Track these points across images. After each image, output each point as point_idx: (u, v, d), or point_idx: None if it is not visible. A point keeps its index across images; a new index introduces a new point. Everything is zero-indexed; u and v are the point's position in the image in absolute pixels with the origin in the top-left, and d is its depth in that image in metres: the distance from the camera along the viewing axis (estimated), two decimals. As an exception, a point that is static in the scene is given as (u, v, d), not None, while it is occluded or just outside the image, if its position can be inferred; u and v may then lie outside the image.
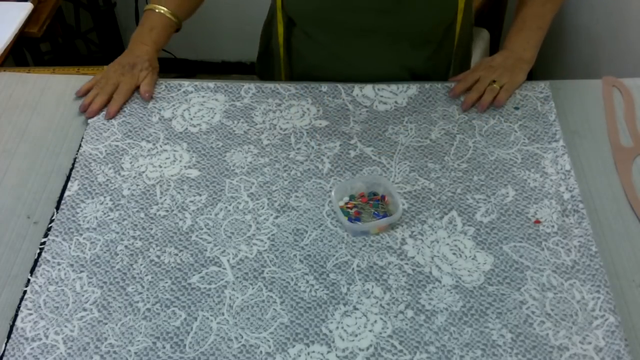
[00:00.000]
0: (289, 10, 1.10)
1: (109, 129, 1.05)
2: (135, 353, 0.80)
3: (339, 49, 1.12)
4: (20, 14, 1.36)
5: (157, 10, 1.11)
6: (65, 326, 0.82)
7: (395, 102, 1.08)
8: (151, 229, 0.92)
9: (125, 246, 0.90)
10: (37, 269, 0.88)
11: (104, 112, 1.07)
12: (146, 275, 0.87)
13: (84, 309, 0.84)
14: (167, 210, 0.94)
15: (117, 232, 0.92)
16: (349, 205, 0.94)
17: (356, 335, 0.81)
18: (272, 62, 1.25)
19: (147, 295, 0.85)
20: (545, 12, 1.10)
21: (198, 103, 1.09)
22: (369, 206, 0.93)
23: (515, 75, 1.08)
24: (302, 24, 1.12)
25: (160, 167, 1.00)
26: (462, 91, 1.08)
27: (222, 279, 0.87)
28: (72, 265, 0.88)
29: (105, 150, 1.02)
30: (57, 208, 0.94)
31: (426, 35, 1.11)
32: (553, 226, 0.91)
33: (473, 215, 0.92)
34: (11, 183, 0.98)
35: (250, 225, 0.92)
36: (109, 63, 1.11)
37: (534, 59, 1.10)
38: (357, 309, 0.83)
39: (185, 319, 0.83)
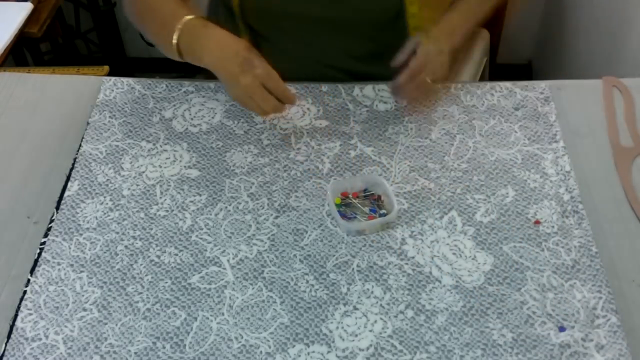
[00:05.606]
0: (244, 7, 1.10)
1: (109, 129, 1.05)
2: (135, 353, 0.80)
3: (287, 45, 1.14)
4: (20, 14, 1.36)
5: (191, 17, 1.00)
6: (65, 326, 0.82)
7: (396, 101, 1.08)
8: (151, 229, 0.92)
9: (125, 246, 0.90)
10: (37, 269, 0.88)
11: (106, 112, 1.07)
12: (146, 275, 0.87)
13: (84, 309, 0.84)
14: (167, 210, 0.94)
15: (117, 232, 0.92)
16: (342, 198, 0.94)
17: (356, 335, 0.81)
18: None
19: (147, 295, 0.85)
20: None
21: (199, 103, 1.09)
22: (361, 205, 0.93)
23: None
24: (255, 23, 1.13)
25: (160, 167, 1.00)
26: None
27: (222, 279, 0.87)
28: (72, 265, 0.88)
29: (106, 150, 1.02)
30: (57, 208, 0.94)
31: (373, 26, 1.11)
32: (553, 226, 0.91)
33: (473, 216, 0.92)
34: (11, 183, 0.98)
35: (250, 225, 0.92)
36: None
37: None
38: (357, 309, 0.83)
39: (185, 319, 0.83)
